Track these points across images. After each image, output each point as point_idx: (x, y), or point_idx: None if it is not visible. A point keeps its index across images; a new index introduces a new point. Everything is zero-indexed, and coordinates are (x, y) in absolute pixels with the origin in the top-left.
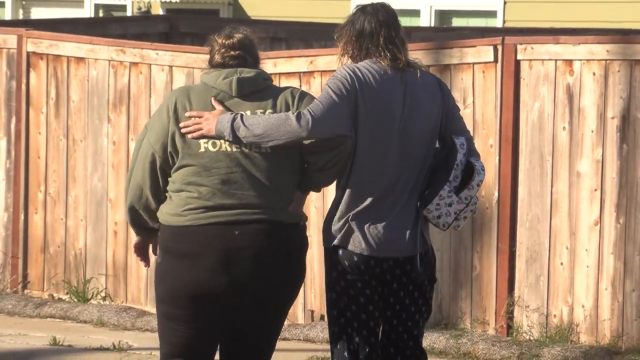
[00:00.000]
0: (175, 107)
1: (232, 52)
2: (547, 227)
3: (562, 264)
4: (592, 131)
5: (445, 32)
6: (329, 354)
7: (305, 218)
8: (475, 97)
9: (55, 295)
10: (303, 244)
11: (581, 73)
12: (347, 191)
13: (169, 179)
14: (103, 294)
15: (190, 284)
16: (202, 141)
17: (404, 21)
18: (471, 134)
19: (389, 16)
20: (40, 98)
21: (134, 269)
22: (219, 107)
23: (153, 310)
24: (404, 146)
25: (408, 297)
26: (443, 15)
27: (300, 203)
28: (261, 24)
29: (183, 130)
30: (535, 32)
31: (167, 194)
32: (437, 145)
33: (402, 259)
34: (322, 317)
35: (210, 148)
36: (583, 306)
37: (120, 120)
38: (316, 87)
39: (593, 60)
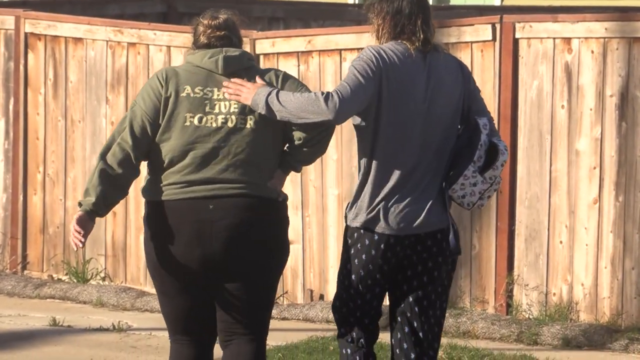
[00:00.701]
0: (166, 79)
1: (217, 33)
2: (546, 205)
3: (561, 242)
4: (591, 109)
5: (443, 11)
6: (329, 334)
7: (285, 196)
8: (474, 76)
9: (54, 275)
10: (280, 218)
11: (580, 51)
12: (371, 172)
13: (150, 153)
14: (102, 275)
15: (169, 258)
16: (188, 115)
17: None
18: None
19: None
20: (38, 79)
21: (133, 250)
22: (261, 82)
23: (152, 290)
24: (427, 127)
25: (426, 273)
26: None
27: (280, 181)
28: (259, 4)
29: (224, 90)
30: (533, 10)
31: (148, 171)
32: (460, 126)
33: (424, 235)
34: (321, 297)
35: (196, 122)
36: (582, 284)
37: (119, 100)
38: (314, 67)
39: (591, 38)
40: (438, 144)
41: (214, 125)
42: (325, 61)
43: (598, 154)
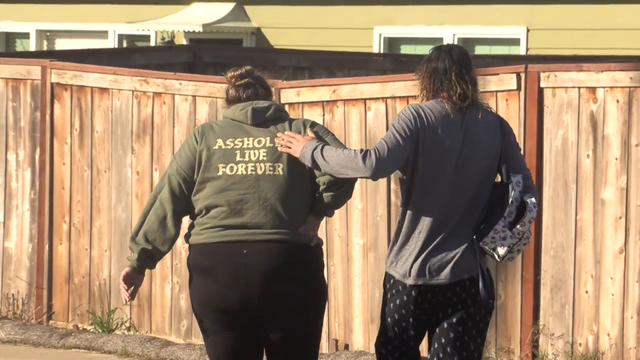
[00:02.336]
0: (202, 134)
1: (241, 81)
2: (571, 255)
3: (587, 292)
4: (616, 159)
5: None
6: None
7: (320, 241)
8: None
9: (79, 325)
10: (312, 263)
11: (605, 100)
12: (404, 223)
13: (192, 200)
14: (127, 324)
15: (210, 298)
16: (220, 165)
17: (427, 49)
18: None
19: (462, 55)
20: (64, 129)
21: (158, 299)
22: (311, 134)
23: (177, 340)
24: (460, 182)
25: (455, 315)
26: (466, 43)
27: (313, 226)
28: (284, 53)
29: (277, 141)
30: (558, 60)
31: (191, 219)
32: (497, 179)
33: (453, 283)
34: (346, 347)
35: (228, 172)
36: (608, 334)
37: (144, 150)
38: (339, 116)
39: (616, 87)
40: (470, 199)
41: (244, 172)
42: (350, 110)
43: (624, 203)
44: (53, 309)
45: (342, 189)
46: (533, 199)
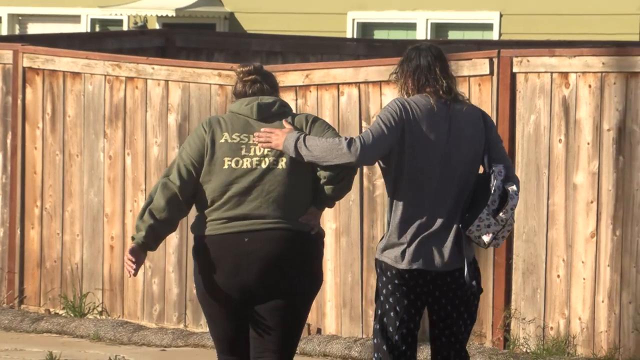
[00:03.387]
0: (210, 127)
1: (249, 77)
2: (543, 239)
3: (558, 276)
4: (588, 143)
5: (442, 45)
6: None
7: (322, 232)
8: None
9: (51, 310)
10: (312, 250)
11: (577, 85)
12: (393, 212)
13: (196, 194)
14: (99, 309)
15: (214, 286)
16: (226, 159)
17: (400, 35)
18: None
19: (439, 52)
20: (36, 113)
21: (131, 284)
22: (288, 127)
23: (150, 324)
24: (446, 173)
25: (449, 305)
26: (439, 28)
27: (314, 217)
28: (257, 38)
29: (256, 140)
30: (531, 45)
31: (196, 209)
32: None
33: (443, 272)
34: (318, 331)
35: (233, 165)
36: (580, 318)
37: (116, 135)
38: (312, 101)
39: (589, 72)
40: (456, 189)
41: (249, 166)
42: (323, 95)
43: (595, 188)
44: (25, 294)
45: (343, 181)
46: (514, 187)
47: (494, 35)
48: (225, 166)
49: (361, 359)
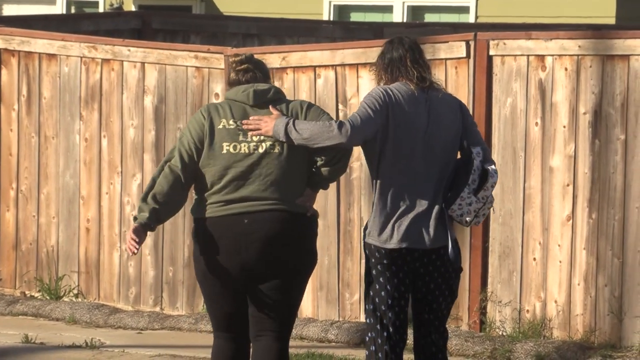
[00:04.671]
0: (208, 113)
1: (241, 66)
2: (520, 222)
3: (534, 259)
4: (564, 127)
5: (418, 28)
6: (301, 351)
7: (315, 212)
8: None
9: (27, 292)
10: (308, 230)
11: (553, 68)
12: (378, 194)
13: (196, 178)
14: (75, 292)
15: (214, 267)
16: (224, 144)
17: (377, 17)
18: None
19: (413, 43)
20: (11, 95)
21: (107, 266)
22: (275, 112)
23: (126, 307)
24: (427, 154)
25: (433, 282)
26: (415, 11)
27: (310, 199)
28: (234, 20)
29: (245, 127)
30: (507, 28)
31: (195, 193)
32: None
33: (429, 250)
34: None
35: (231, 150)
36: (556, 301)
37: (92, 117)
38: (289, 84)
39: (565, 55)
40: (438, 171)
41: (247, 151)
42: (299, 78)
43: (571, 171)
44: (0, 276)
45: (340, 163)
46: (493, 166)
47: (470, 18)
48: (224, 151)
49: (338, 341)
